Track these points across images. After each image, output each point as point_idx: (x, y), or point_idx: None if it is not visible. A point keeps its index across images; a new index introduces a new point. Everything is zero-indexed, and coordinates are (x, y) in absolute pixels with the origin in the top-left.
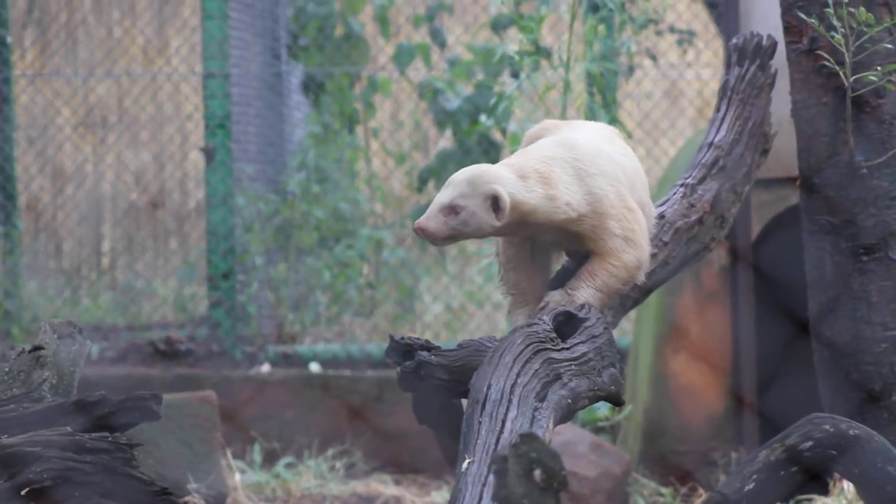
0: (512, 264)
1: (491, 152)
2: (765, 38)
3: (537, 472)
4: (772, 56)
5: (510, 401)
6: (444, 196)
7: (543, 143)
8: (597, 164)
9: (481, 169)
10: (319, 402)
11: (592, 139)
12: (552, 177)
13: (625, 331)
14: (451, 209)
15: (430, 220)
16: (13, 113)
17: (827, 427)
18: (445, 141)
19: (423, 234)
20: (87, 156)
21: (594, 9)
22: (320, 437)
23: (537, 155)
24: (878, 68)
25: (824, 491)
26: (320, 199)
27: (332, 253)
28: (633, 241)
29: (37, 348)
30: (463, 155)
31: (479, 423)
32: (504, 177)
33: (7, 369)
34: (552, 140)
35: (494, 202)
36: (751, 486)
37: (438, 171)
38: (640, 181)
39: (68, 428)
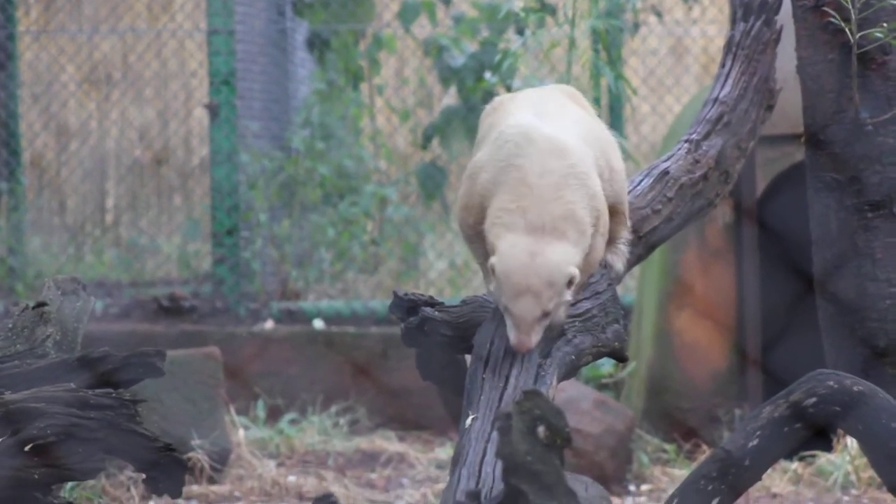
0: (479, 235)
1: None
2: None
3: (541, 429)
4: (777, 12)
5: (514, 357)
6: (531, 307)
7: (535, 157)
8: (585, 162)
9: (546, 258)
10: (323, 359)
11: (564, 123)
12: (575, 212)
13: (629, 287)
14: (544, 315)
15: (531, 336)
16: (17, 69)
17: (831, 383)
18: (450, 98)
19: (529, 351)
20: (92, 112)
21: None
22: (324, 394)
23: (547, 188)
24: (885, 25)
25: (828, 447)
26: (325, 155)
27: (337, 210)
28: (622, 216)
29: (40, 304)
30: (468, 112)
31: (483, 379)
32: (564, 253)
33: (10, 325)
34: (543, 146)
35: (570, 282)
36: (755, 442)
37: (443, 129)
38: (609, 143)
39: (72, 384)
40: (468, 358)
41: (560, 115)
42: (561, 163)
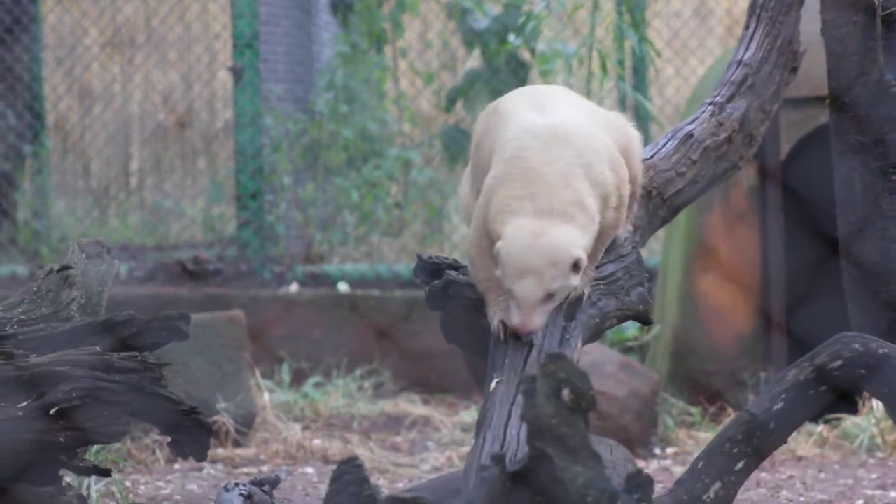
0: (489, 253)
1: (520, 72)
2: None
3: (566, 392)
4: None
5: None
6: (533, 287)
7: (541, 147)
8: (594, 148)
9: (550, 238)
10: (348, 322)
11: (567, 111)
12: (583, 199)
13: (653, 250)
14: (548, 296)
15: (534, 317)
16: (41, 33)
17: (856, 346)
18: (474, 61)
19: (530, 333)
20: (115, 76)
21: None
22: (349, 357)
23: (556, 175)
24: None
25: (853, 410)
26: (348, 118)
27: (361, 173)
28: (622, 208)
29: (65, 268)
30: (491, 75)
31: (507, 342)
32: (570, 234)
33: (35, 289)
34: (546, 136)
35: (575, 265)
36: (779, 405)
37: (466, 91)
38: (622, 126)
39: (97, 347)
40: None
41: (561, 105)
42: (567, 151)
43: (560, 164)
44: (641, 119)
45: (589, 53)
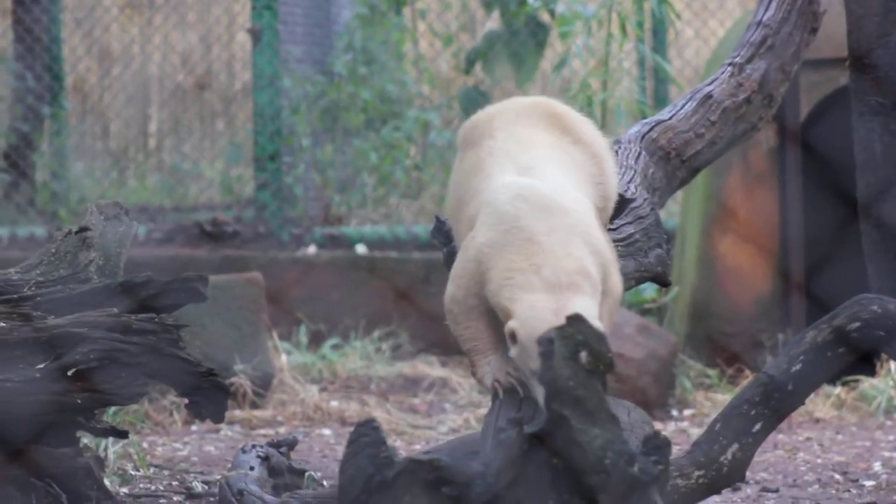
0: (475, 312)
1: (539, 34)
2: None
3: (583, 354)
4: None
5: None
6: None
7: (538, 216)
8: (587, 216)
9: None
10: (365, 284)
11: (555, 176)
12: (586, 267)
13: (672, 212)
14: None
15: None
16: None
17: (875, 308)
18: (493, 22)
19: None
20: (134, 37)
21: None
22: (366, 319)
23: (557, 244)
24: None
25: (871, 372)
26: (367, 80)
27: (379, 135)
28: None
29: (83, 229)
30: (510, 36)
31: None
32: (585, 307)
33: (54, 251)
34: (542, 205)
35: None
36: (798, 367)
37: (485, 53)
38: (601, 169)
39: (115, 309)
40: None
41: (547, 165)
42: (564, 220)
43: (560, 233)
44: (660, 81)
45: (608, 15)
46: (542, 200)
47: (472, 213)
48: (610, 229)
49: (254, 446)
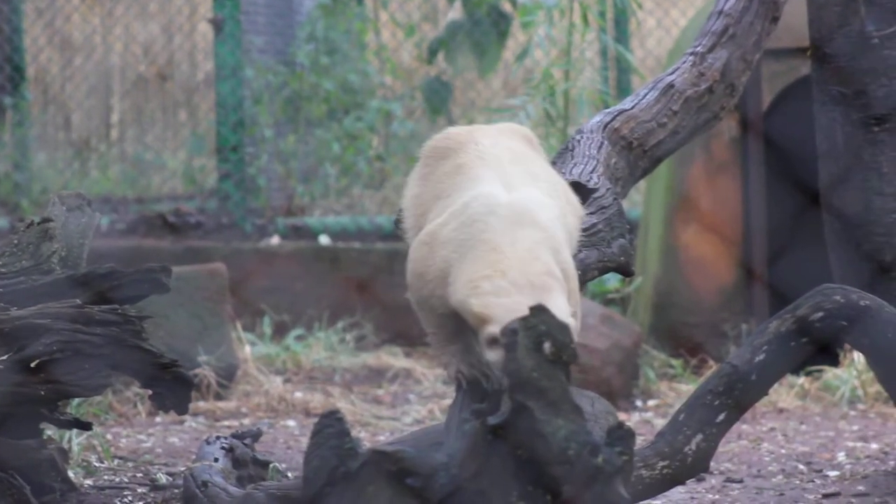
0: (435, 305)
1: (501, 24)
2: None
3: (547, 345)
4: None
5: None
6: None
7: (505, 230)
8: (557, 235)
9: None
10: (329, 275)
11: (532, 194)
12: (553, 269)
13: (635, 202)
14: None
15: None
16: None
17: (838, 298)
18: (455, 12)
19: None
20: (96, 27)
21: None
22: (330, 310)
23: (522, 251)
24: None
25: (835, 362)
26: (329, 70)
27: (342, 125)
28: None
29: (46, 220)
30: (473, 26)
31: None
32: (558, 305)
33: (16, 241)
34: (512, 219)
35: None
36: (761, 357)
37: (448, 43)
38: (570, 202)
39: (77, 300)
40: None
41: (528, 181)
42: (535, 234)
43: (525, 243)
44: (623, 71)
45: (570, 5)
46: (517, 216)
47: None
48: None
49: (218, 438)
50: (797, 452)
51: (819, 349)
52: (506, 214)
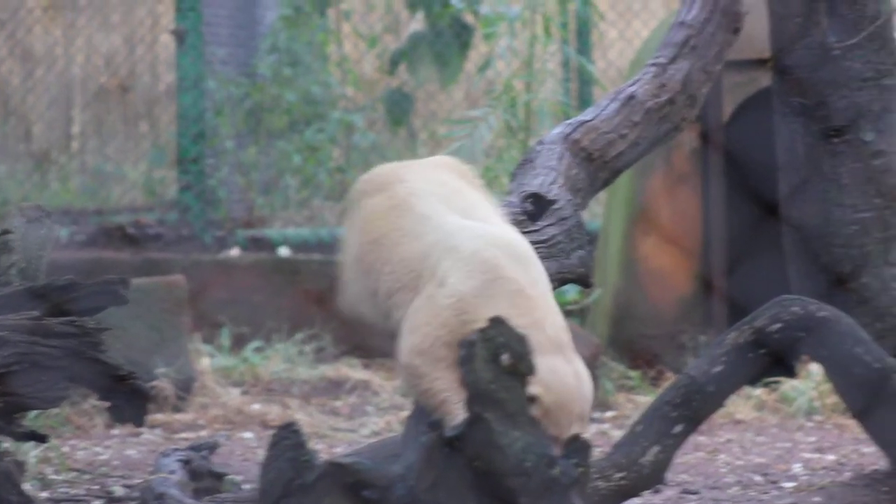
0: (445, 363)
1: (463, 35)
2: None
3: (505, 357)
4: None
5: None
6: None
7: (519, 268)
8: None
9: (586, 380)
10: (289, 286)
11: (501, 223)
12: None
13: (595, 213)
14: None
15: None
16: None
17: (796, 309)
18: (417, 23)
19: None
20: (57, 39)
21: None
22: (289, 322)
23: (542, 298)
24: None
25: (792, 373)
26: (291, 82)
27: (303, 136)
28: None
29: (5, 232)
30: (435, 37)
31: None
32: (584, 367)
33: None
34: (511, 247)
35: None
36: (719, 368)
37: (410, 54)
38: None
39: (35, 312)
40: None
41: (485, 209)
42: (536, 270)
43: (540, 286)
44: (584, 82)
45: (532, 16)
46: (512, 249)
47: (412, 256)
48: (532, 230)
49: (175, 450)
50: (754, 464)
51: (777, 360)
52: (503, 246)
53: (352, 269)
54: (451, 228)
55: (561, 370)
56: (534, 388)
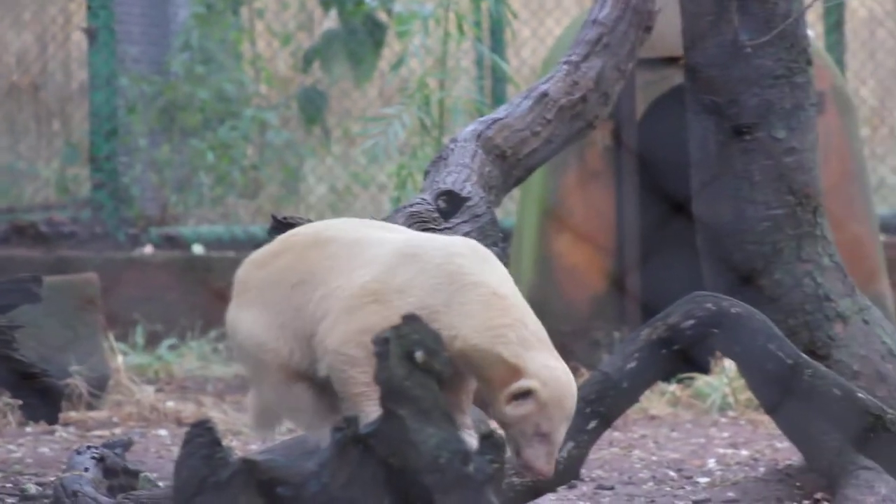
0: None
1: (376, 33)
2: None
3: (418, 354)
4: None
5: None
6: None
7: (486, 270)
8: None
9: (571, 375)
10: (203, 284)
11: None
12: None
13: (509, 211)
14: None
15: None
16: None
17: (709, 305)
18: (330, 21)
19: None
20: None
21: None
22: (203, 319)
23: (514, 296)
24: None
25: (706, 369)
26: (204, 80)
27: (216, 134)
28: None
29: None
30: (348, 35)
31: None
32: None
33: None
34: (481, 256)
35: None
36: (632, 364)
37: (323, 52)
38: None
39: None
40: None
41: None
42: (502, 269)
43: (509, 284)
44: (498, 80)
45: (446, 14)
46: (475, 250)
47: (355, 273)
48: (446, 228)
49: (89, 447)
50: (668, 459)
51: (690, 357)
52: (464, 253)
53: (270, 339)
54: (398, 238)
55: (554, 365)
56: (529, 383)
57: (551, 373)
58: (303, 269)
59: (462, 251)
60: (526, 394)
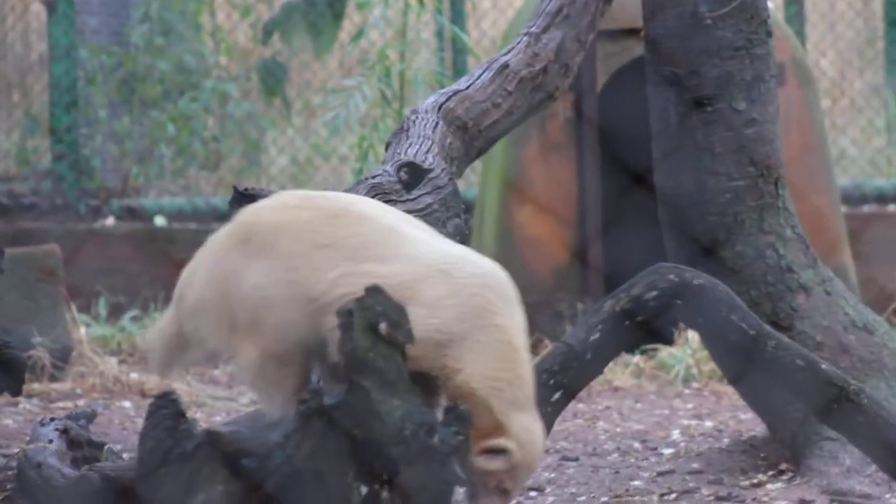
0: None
1: (336, 5)
2: None
3: (383, 326)
4: None
5: None
6: None
7: (510, 315)
8: None
9: (541, 439)
10: (165, 256)
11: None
12: None
13: (470, 182)
14: None
15: None
16: None
17: (671, 277)
18: None
19: None
20: None
21: None
22: (166, 291)
23: (524, 350)
24: None
25: (669, 341)
26: (164, 51)
27: (177, 106)
28: None
29: None
30: (308, 7)
31: None
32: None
33: None
34: (509, 297)
35: None
36: (596, 336)
37: (283, 24)
38: None
39: None
40: None
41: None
42: (520, 311)
43: (523, 334)
44: (458, 51)
45: None
46: (503, 287)
47: (389, 273)
48: (408, 199)
49: (52, 419)
50: (632, 431)
51: (654, 328)
52: (496, 287)
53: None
54: (433, 246)
55: (533, 430)
56: (507, 443)
57: (529, 437)
58: (330, 234)
59: (493, 285)
60: (501, 451)
